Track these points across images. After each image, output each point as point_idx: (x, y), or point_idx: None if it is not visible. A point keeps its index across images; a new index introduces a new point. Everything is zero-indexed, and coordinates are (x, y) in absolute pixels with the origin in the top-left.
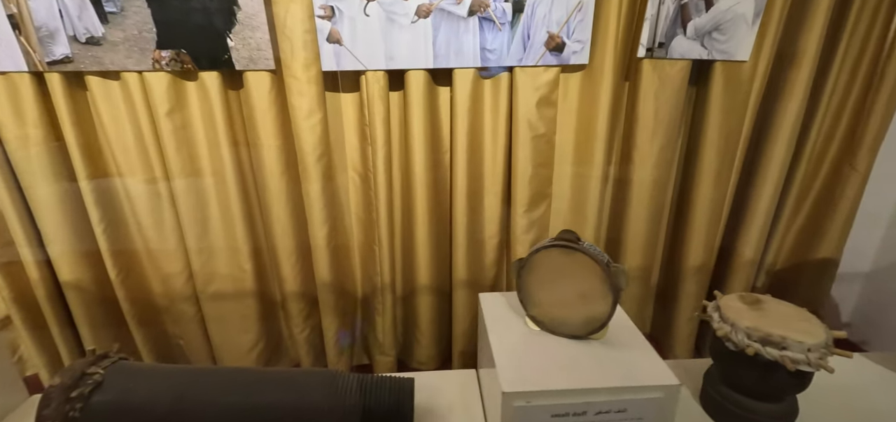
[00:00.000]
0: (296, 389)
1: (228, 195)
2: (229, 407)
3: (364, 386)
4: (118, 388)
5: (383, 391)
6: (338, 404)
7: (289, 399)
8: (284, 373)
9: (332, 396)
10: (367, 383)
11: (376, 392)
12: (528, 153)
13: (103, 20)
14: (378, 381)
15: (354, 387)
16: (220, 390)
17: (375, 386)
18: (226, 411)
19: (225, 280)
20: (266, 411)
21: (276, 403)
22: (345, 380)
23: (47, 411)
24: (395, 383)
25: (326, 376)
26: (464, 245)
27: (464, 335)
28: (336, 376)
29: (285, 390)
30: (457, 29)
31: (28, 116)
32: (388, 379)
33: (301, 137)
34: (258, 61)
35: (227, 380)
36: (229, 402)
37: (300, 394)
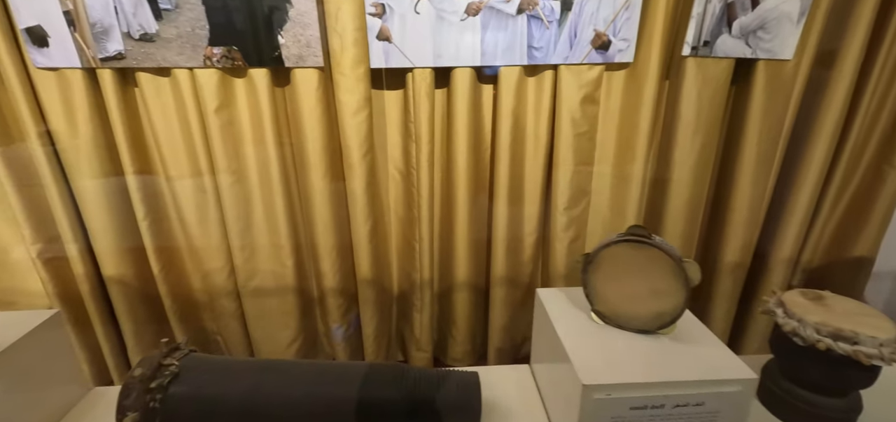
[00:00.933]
0: (365, 382)
1: (272, 192)
2: (300, 399)
3: (431, 380)
4: (193, 379)
5: (451, 385)
6: (408, 397)
7: (358, 392)
8: (353, 366)
9: (402, 389)
10: (433, 377)
11: (444, 386)
12: (570, 151)
13: (157, 17)
14: (444, 374)
15: (422, 380)
16: (291, 382)
17: (442, 380)
18: (297, 403)
19: (266, 276)
20: (337, 403)
21: (346, 396)
22: (413, 373)
23: (128, 402)
24: (461, 378)
25: (395, 369)
26: (503, 242)
27: (501, 332)
28: (404, 370)
29: (353, 384)
30: (505, 27)
31: (78, 113)
32: (454, 373)
33: (347, 133)
34: (307, 58)
35: (297, 373)
36: (300, 394)
37: (370, 387)
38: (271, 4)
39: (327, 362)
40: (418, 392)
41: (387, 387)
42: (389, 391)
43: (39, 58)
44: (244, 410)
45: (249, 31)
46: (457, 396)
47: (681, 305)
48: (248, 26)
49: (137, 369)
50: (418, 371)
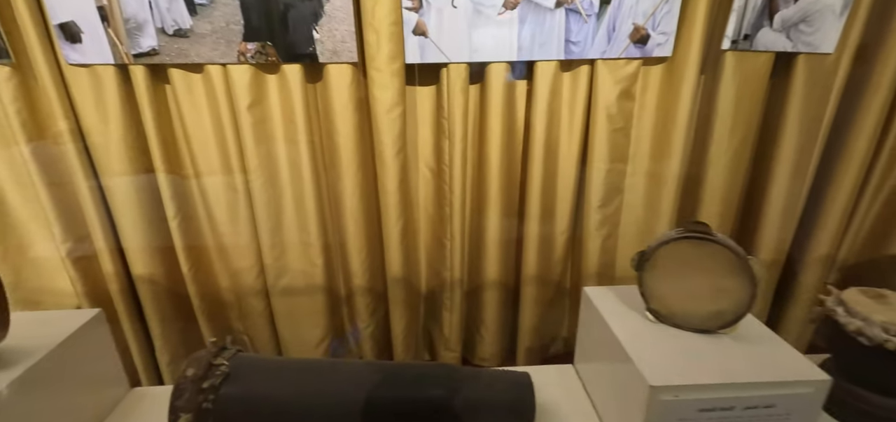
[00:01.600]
0: (418, 382)
1: (303, 190)
2: (352, 399)
3: (484, 380)
4: (243, 379)
5: (504, 386)
6: (461, 397)
7: (410, 393)
8: (403, 366)
9: (455, 389)
10: (486, 378)
11: (497, 386)
12: (604, 148)
13: (192, 12)
14: (496, 375)
15: (475, 381)
16: (343, 382)
17: (495, 380)
18: (349, 403)
19: (296, 275)
20: (390, 403)
21: (399, 396)
22: (464, 374)
23: (180, 402)
24: (513, 378)
25: (446, 369)
26: (535, 240)
27: (531, 331)
28: (455, 370)
29: (405, 384)
30: (542, 21)
31: (110, 110)
32: (506, 373)
33: (381, 130)
34: (341, 54)
35: (348, 373)
36: (352, 394)
37: (422, 387)
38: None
39: (376, 362)
40: (472, 393)
41: (439, 387)
42: (442, 392)
43: (72, 54)
44: (296, 410)
45: (284, 26)
46: (511, 396)
47: (745, 304)
48: (282, 21)
49: (189, 369)
50: (470, 372)
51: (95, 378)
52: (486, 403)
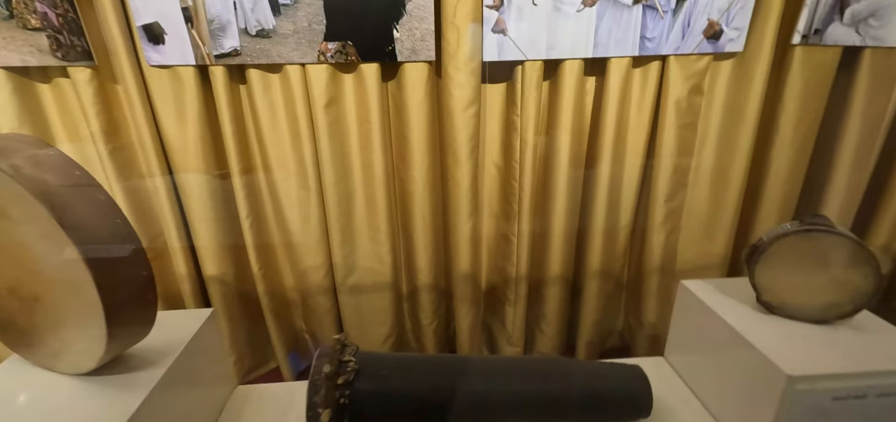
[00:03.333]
0: (541, 376)
1: (375, 188)
2: (480, 394)
3: (601, 373)
4: (372, 376)
5: (621, 378)
6: (583, 390)
7: (538, 387)
8: (520, 361)
9: (576, 383)
10: (602, 371)
11: (614, 379)
12: (672, 142)
13: (276, 12)
14: (611, 367)
15: (593, 374)
16: (469, 378)
17: (610, 373)
18: (480, 398)
19: (364, 272)
20: (516, 397)
21: (525, 390)
22: (582, 367)
23: (318, 398)
24: (629, 371)
25: (561, 363)
26: (600, 235)
27: (593, 325)
28: (573, 364)
29: (530, 378)
30: (619, 17)
31: (188, 110)
32: (615, 365)
33: (456, 128)
34: (420, 52)
35: (473, 368)
36: (480, 389)
37: (546, 381)
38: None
39: (496, 357)
40: (592, 386)
41: (561, 380)
42: (563, 385)
43: (154, 55)
44: (427, 405)
45: (365, 25)
46: (630, 388)
47: (867, 295)
48: (364, 21)
49: (325, 365)
50: (584, 365)
51: (211, 376)
52: (606, 395)
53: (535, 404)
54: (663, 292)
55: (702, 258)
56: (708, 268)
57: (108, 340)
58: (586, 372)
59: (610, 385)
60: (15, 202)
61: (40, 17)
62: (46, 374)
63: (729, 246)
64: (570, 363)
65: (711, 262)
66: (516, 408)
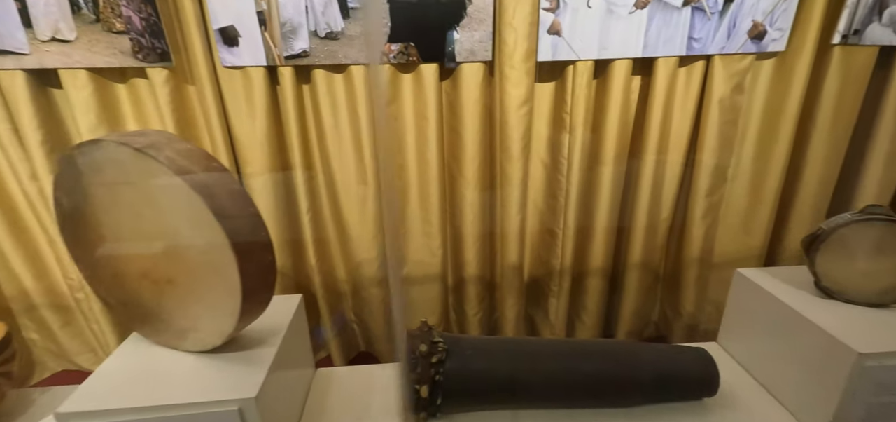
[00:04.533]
0: (616, 359)
1: (429, 183)
2: (560, 375)
3: (669, 355)
4: (460, 356)
5: (688, 359)
6: (655, 371)
7: (614, 368)
8: (592, 344)
9: (649, 364)
10: (669, 353)
11: (681, 360)
12: (714, 139)
13: (345, 15)
14: (678, 349)
15: (662, 356)
16: (547, 359)
17: (678, 354)
18: (557, 378)
19: (415, 265)
20: (591, 378)
21: (602, 371)
22: (651, 350)
23: (415, 375)
24: (695, 353)
25: (629, 345)
26: (642, 228)
27: (632, 316)
28: (637, 346)
29: (608, 360)
30: (669, 19)
31: (257, 109)
32: (680, 348)
33: (510, 125)
34: (477, 53)
35: (550, 351)
36: (560, 370)
37: (620, 364)
38: (452, 0)
39: (569, 340)
40: (662, 367)
41: (632, 362)
42: (635, 366)
43: (228, 57)
44: (509, 384)
45: (428, 27)
46: (697, 369)
47: None
48: (426, 23)
49: (422, 345)
50: (653, 348)
51: (302, 358)
52: (676, 375)
53: (609, 384)
54: (701, 284)
55: (739, 251)
56: (745, 260)
57: (238, 319)
58: (655, 354)
59: (679, 366)
60: (166, 191)
61: (125, 21)
62: (169, 351)
63: (765, 239)
64: (639, 346)
65: (748, 254)
66: (592, 387)
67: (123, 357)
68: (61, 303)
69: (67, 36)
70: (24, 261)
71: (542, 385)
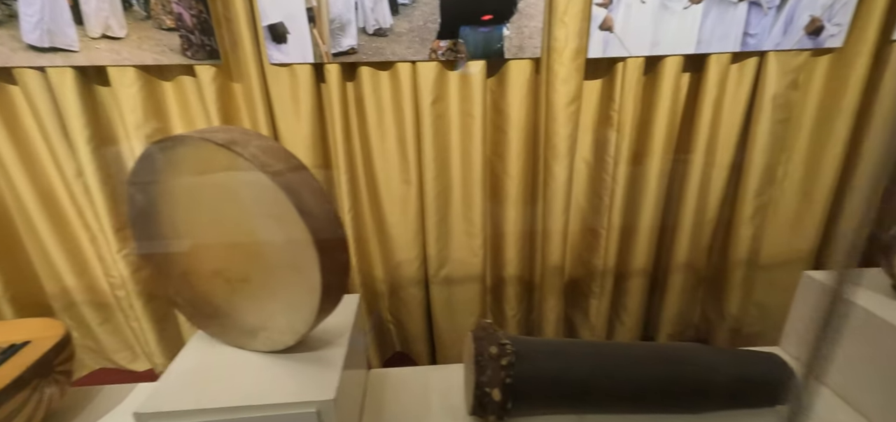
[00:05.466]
0: (691, 362)
1: (472, 181)
2: (636, 379)
3: (743, 359)
4: (531, 359)
5: (763, 364)
6: (729, 375)
7: (689, 372)
8: (663, 347)
9: (724, 367)
10: (743, 357)
11: (756, 365)
12: (766, 137)
13: (394, 12)
14: (747, 354)
15: (736, 360)
16: (619, 363)
17: (750, 359)
18: (634, 383)
19: (456, 264)
20: (668, 382)
21: (674, 375)
22: (725, 353)
23: (484, 378)
24: (763, 357)
25: (701, 348)
26: (689, 228)
27: (674, 319)
28: (711, 350)
29: (683, 363)
30: (724, 14)
31: (302, 106)
32: (753, 353)
33: (558, 122)
34: (526, 49)
35: (622, 354)
36: (636, 374)
37: (696, 367)
38: None
39: (638, 343)
40: (738, 372)
41: (706, 366)
42: (709, 371)
43: (276, 54)
44: (583, 387)
45: (477, 23)
46: (774, 375)
47: None
48: (476, 19)
49: (492, 346)
50: (725, 352)
51: (360, 358)
52: (752, 381)
53: (682, 389)
54: (747, 286)
55: (787, 253)
56: (794, 262)
57: (315, 319)
58: (729, 359)
59: (754, 372)
60: (248, 187)
61: (175, 18)
62: (237, 351)
63: (816, 241)
64: (711, 350)
65: (797, 256)
66: (665, 392)
67: (192, 357)
68: (100, 300)
69: (118, 33)
70: (66, 258)
71: (616, 389)
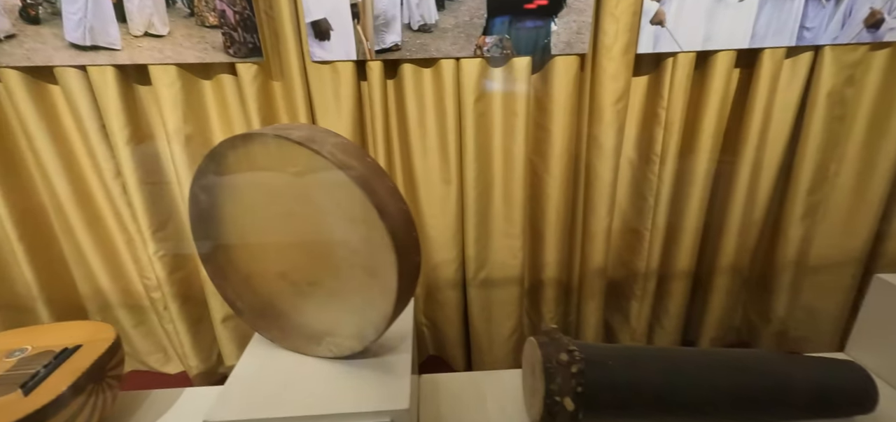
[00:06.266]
0: (772, 372)
1: (513, 180)
2: (714, 388)
3: (821, 367)
4: (602, 366)
5: (839, 372)
6: (810, 383)
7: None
8: (736, 354)
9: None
10: (821, 365)
11: (836, 374)
12: (819, 135)
13: (440, 7)
14: (823, 362)
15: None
16: (692, 370)
17: (827, 367)
18: (713, 392)
19: (495, 267)
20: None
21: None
22: (793, 361)
23: (554, 386)
24: (840, 365)
25: (779, 358)
26: (735, 228)
27: (718, 323)
28: (785, 358)
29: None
30: (780, 7)
31: (343, 104)
32: (828, 361)
33: (605, 121)
34: (574, 45)
35: (693, 361)
36: (714, 382)
37: (775, 376)
38: None
39: (712, 350)
40: (818, 381)
41: (784, 375)
42: (787, 379)
43: (318, 51)
44: (658, 397)
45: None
46: (855, 384)
47: None
48: (523, 14)
49: (562, 353)
50: (801, 359)
51: (414, 363)
52: (832, 390)
53: (761, 398)
54: (795, 288)
55: (838, 253)
56: (845, 263)
57: (386, 324)
58: (807, 366)
59: (834, 381)
60: (325, 186)
61: (218, 15)
62: (298, 357)
63: (868, 242)
64: (782, 357)
65: (849, 257)
66: (743, 400)
67: (253, 363)
68: (135, 302)
69: (160, 31)
70: (101, 260)
71: (692, 398)
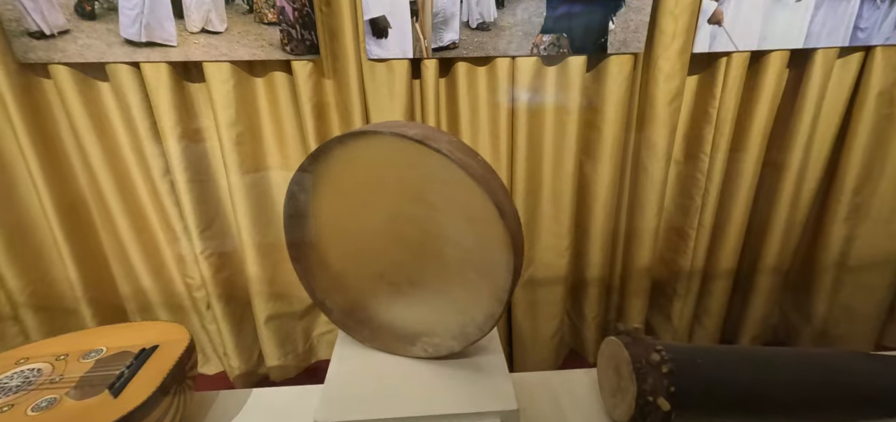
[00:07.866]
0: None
1: (562, 180)
2: (800, 386)
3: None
4: (691, 365)
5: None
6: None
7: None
8: (814, 353)
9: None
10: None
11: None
12: (867, 134)
13: (499, 5)
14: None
15: None
16: (782, 370)
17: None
18: (804, 392)
19: (540, 266)
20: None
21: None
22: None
23: (646, 386)
24: None
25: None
26: (779, 228)
27: (757, 322)
28: (864, 356)
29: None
30: (836, 7)
31: (397, 102)
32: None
33: (659, 120)
34: (630, 44)
35: (782, 361)
36: (798, 381)
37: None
38: None
39: (794, 349)
40: None
41: (869, 374)
42: (874, 378)
43: (375, 49)
44: (749, 396)
45: (584, 17)
46: None
47: None
48: (582, 13)
49: (653, 353)
50: (882, 358)
51: None
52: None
53: (848, 397)
54: (835, 288)
55: (879, 254)
56: (885, 263)
57: (492, 324)
58: (889, 366)
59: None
60: (441, 185)
61: (277, 11)
62: (396, 358)
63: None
64: (862, 357)
65: (889, 257)
66: (832, 400)
67: (347, 364)
68: (175, 302)
69: (217, 27)
70: (143, 259)
71: (781, 397)
